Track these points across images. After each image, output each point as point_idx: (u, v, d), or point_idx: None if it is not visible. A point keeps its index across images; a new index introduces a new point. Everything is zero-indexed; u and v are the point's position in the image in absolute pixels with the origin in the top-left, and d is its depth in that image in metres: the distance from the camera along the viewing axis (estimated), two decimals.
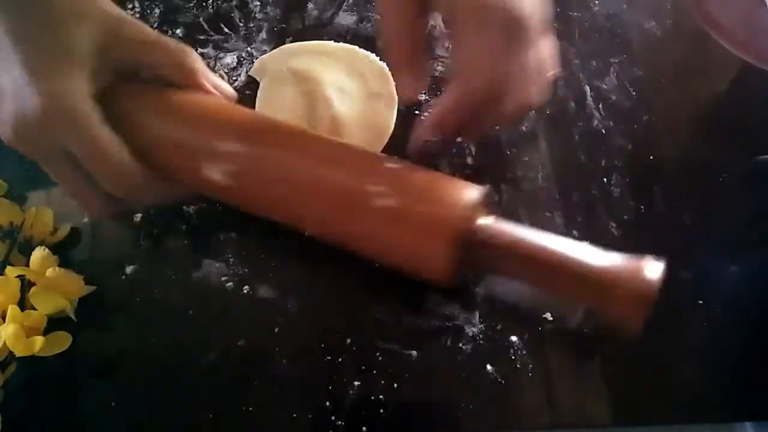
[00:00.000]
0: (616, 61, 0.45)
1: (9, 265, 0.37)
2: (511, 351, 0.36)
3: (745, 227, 0.39)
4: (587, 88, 0.44)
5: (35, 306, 0.35)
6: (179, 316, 0.38)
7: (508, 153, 0.42)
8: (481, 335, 0.36)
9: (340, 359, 0.36)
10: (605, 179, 0.41)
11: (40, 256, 0.37)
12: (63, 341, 0.36)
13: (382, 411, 0.35)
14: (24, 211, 0.40)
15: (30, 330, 0.35)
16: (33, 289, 0.36)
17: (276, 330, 0.37)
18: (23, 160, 0.35)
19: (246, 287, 0.38)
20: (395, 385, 0.35)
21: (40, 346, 0.35)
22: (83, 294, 0.38)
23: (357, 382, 0.35)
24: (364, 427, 0.34)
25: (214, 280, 0.39)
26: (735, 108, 0.43)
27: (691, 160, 0.42)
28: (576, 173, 0.41)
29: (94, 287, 0.38)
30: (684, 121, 0.43)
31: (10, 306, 0.35)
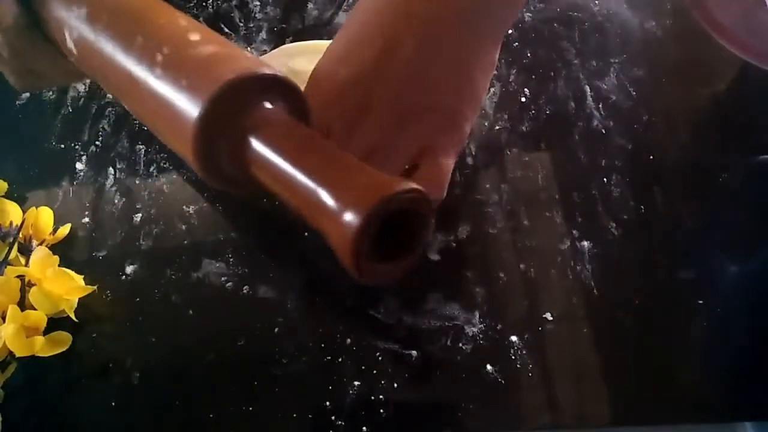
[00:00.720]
0: (616, 61, 0.45)
1: (9, 265, 0.37)
2: (511, 351, 0.36)
3: (745, 227, 0.39)
4: (587, 88, 0.44)
5: (35, 306, 0.35)
6: (179, 316, 0.38)
7: (508, 153, 0.42)
8: (481, 335, 0.36)
9: (340, 359, 0.36)
10: (605, 179, 0.41)
11: (40, 256, 0.37)
12: (63, 341, 0.36)
13: (382, 411, 0.35)
14: (24, 211, 0.40)
15: (30, 330, 0.35)
16: (33, 289, 0.36)
17: (276, 330, 0.37)
18: (23, 160, 0.35)
19: (246, 287, 0.38)
20: (395, 385, 0.35)
21: (40, 346, 0.35)
22: (83, 294, 0.38)
23: (357, 382, 0.35)
24: (364, 427, 0.34)
25: (214, 280, 0.39)
26: (735, 108, 0.43)
27: (691, 160, 0.41)
28: (576, 173, 0.41)
29: (94, 287, 0.38)
30: (684, 121, 0.43)
31: (10, 306, 0.35)
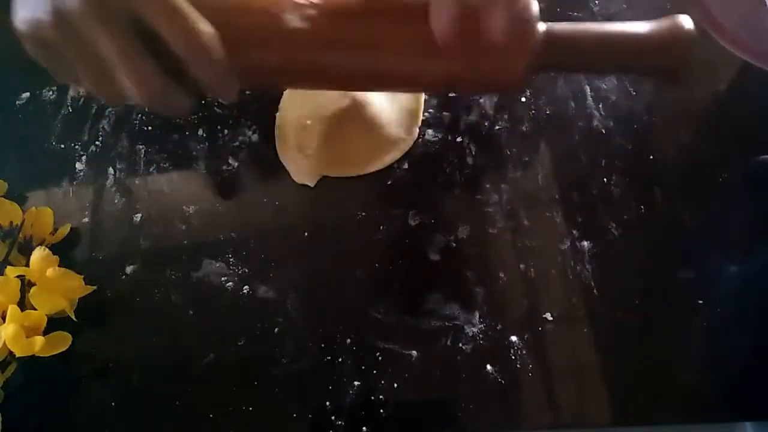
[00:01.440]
0: None
1: (9, 265, 0.37)
2: (511, 351, 0.36)
3: (745, 227, 0.39)
4: (587, 88, 0.44)
5: (35, 306, 0.35)
6: (179, 316, 0.38)
7: (508, 153, 0.42)
8: (481, 335, 0.36)
9: (340, 359, 0.36)
10: (605, 179, 0.41)
11: (40, 256, 0.37)
12: (63, 341, 0.36)
13: (382, 411, 0.35)
14: (24, 211, 0.40)
15: (30, 330, 0.35)
16: (33, 289, 0.36)
17: (276, 330, 0.37)
18: (23, 160, 0.35)
19: (246, 287, 0.38)
20: (395, 385, 0.35)
21: (40, 346, 0.35)
22: (83, 294, 0.38)
23: (357, 382, 0.35)
24: (364, 427, 0.34)
25: (214, 280, 0.39)
26: (735, 108, 0.43)
27: (691, 160, 0.41)
28: (576, 173, 0.41)
29: (94, 287, 0.38)
30: (684, 121, 0.43)
31: (10, 306, 0.35)
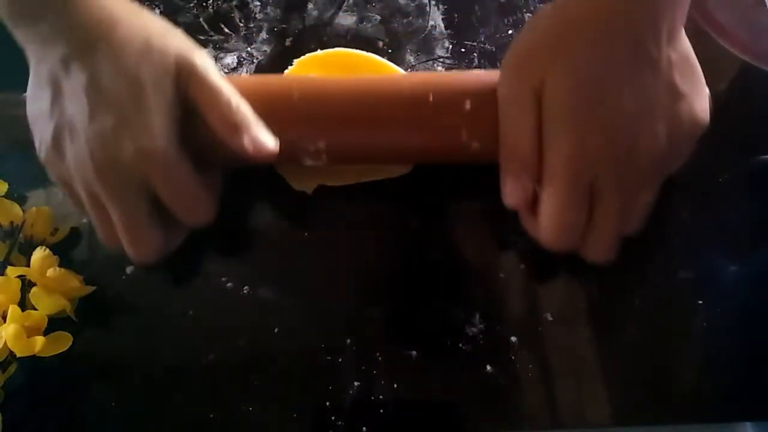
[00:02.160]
0: None
1: (9, 265, 0.37)
2: (511, 351, 0.36)
3: (745, 227, 0.39)
4: None
5: (35, 306, 0.35)
6: (179, 316, 0.38)
7: None
8: (481, 335, 0.36)
9: (340, 359, 0.36)
10: None
11: (40, 256, 0.37)
12: (63, 341, 0.36)
13: (382, 411, 0.35)
14: (24, 211, 0.40)
15: (30, 330, 0.35)
16: (33, 289, 0.36)
17: (276, 330, 0.37)
18: (23, 160, 0.35)
19: (246, 287, 0.38)
20: (395, 385, 0.35)
21: (40, 346, 0.35)
22: (83, 294, 0.38)
23: (357, 382, 0.35)
24: (364, 427, 0.34)
25: (214, 280, 0.39)
26: (735, 108, 0.43)
27: (691, 160, 0.41)
28: None
29: (94, 287, 0.38)
30: None
31: (10, 306, 0.35)
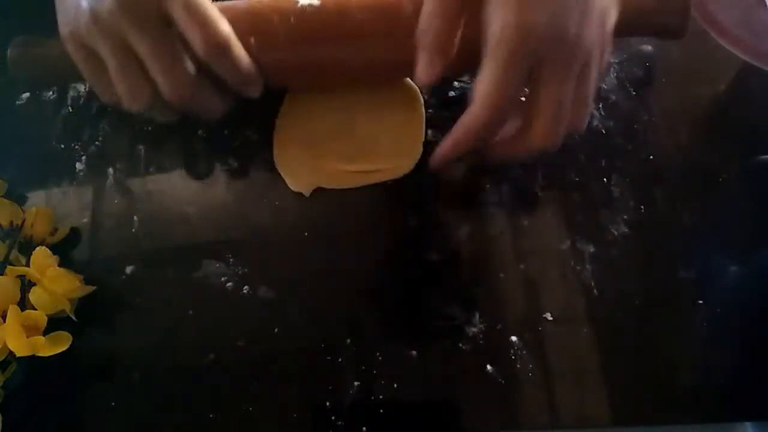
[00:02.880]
0: (616, 61, 0.45)
1: (9, 265, 0.37)
2: (511, 351, 0.36)
3: (745, 227, 0.39)
4: None
5: (35, 306, 0.35)
6: (179, 316, 0.38)
7: None
8: (481, 335, 0.36)
9: (340, 359, 0.36)
10: (605, 179, 0.41)
11: (40, 256, 0.37)
12: (63, 341, 0.36)
13: (382, 411, 0.35)
14: (24, 211, 0.40)
15: (30, 330, 0.35)
16: (33, 289, 0.36)
17: (276, 330, 0.37)
18: (23, 160, 0.35)
19: (246, 287, 0.38)
20: (395, 385, 0.35)
21: (40, 346, 0.35)
22: (83, 294, 0.38)
23: (357, 382, 0.35)
24: (364, 427, 0.34)
25: (214, 280, 0.39)
26: (735, 108, 0.43)
27: (691, 160, 0.42)
28: (576, 173, 0.41)
29: (94, 287, 0.38)
30: (684, 121, 0.43)
31: (10, 306, 0.35)
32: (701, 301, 0.37)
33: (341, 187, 0.41)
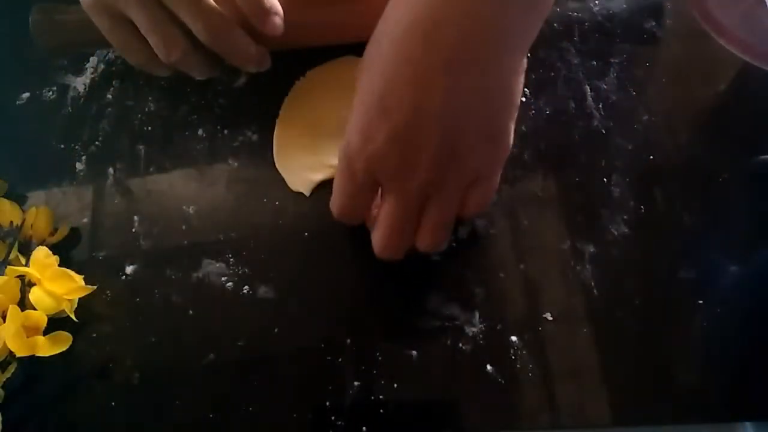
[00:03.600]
0: (616, 61, 0.45)
1: (9, 265, 0.37)
2: (511, 351, 0.36)
3: (745, 227, 0.39)
4: (587, 88, 0.44)
5: (35, 306, 0.35)
6: (179, 316, 0.38)
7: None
8: (481, 335, 0.36)
9: (340, 359, 0.36)
10: (605, 179, 0.41)
11: (40, 256, 0.37)
12: (63, 341, 0.36)
13: (382, 411, 0.35)
14: (24, 211, 0.40)
15: (30, 330, 0.35)
16: (33, 289, 0.36)
17: (276, 330, 0.37)
18: (23, 160, 0.35)
19: (246, 287, 0.38)
20: (395, 385, 0.35)
21: (40, 346, 0.35)
22: (83, 294, 0.38)
23: (357, 382, 0.35)
24: (364, 427, 0.34)
25: (214, 280, 0.39)
26: (735, 108, 0.43)
27: (691, 160, 0.41)
28: (576, 173, 0.41)
29: (94, 287, 0.38)
30: (684, 121, 0.43)
31: (10, 306, 0.35)
32: (701, 301, 0.37)
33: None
